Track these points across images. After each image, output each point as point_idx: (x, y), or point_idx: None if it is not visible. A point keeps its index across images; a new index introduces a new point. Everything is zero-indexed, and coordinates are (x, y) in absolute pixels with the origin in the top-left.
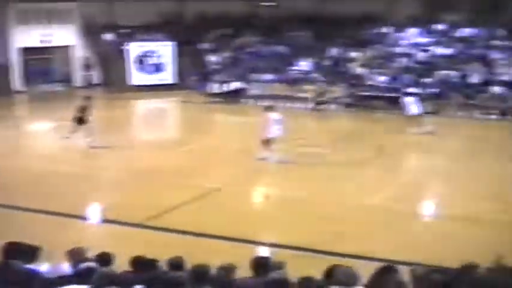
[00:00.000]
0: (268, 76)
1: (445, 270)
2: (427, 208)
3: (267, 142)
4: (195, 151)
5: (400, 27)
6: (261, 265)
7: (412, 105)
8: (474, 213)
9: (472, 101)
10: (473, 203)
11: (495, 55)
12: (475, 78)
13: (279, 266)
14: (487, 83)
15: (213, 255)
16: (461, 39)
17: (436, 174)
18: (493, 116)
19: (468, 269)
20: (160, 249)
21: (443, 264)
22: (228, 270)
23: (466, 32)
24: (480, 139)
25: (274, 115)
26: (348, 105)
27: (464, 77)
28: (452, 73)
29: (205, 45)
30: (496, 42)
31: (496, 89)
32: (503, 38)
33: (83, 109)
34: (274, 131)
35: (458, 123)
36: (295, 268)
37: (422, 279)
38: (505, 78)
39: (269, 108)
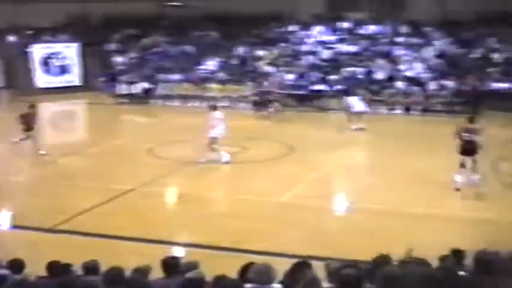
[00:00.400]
0: (176, 76)
1: (359, 264)
2: (340, 203)
3: (211, 142)
4: (105, 153)
5: (306, 25)
6: (171, 265)
7: (357, 103)
8: (388, 207)
9: (378, 96)
10: (386, 196)
11: (399, 51)
12: (380, 75)
13: (192, 265)
14: (391, 79)
15: (127, 257)
16: (366, 37)
17: (348, 169)
18: (398, 111)
19: (380, 262)
20: (75, 253)
21: (357, 258)
22: (142, 272)
23: (370, 29)
24: (388, 133)
25: (217, 114)
26: (257, 104)
27: (369, 73)
28: (358, 70)
29: (112, 46)
30: (399, 39)
31: (400, 85)
32: (406, 34)
33: (27, 116)
34: (218, 131)
35: (366, 119)
36: (210, 267)
37: (336, 273)
38: (409, 74)
39: (213, 107)
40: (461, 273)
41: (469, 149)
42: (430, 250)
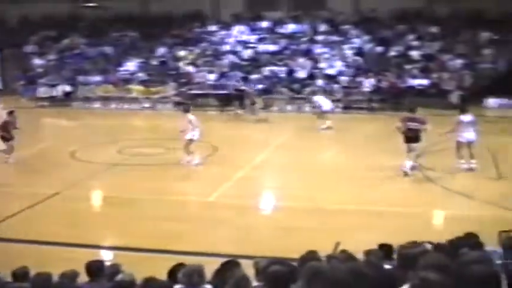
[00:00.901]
0: (96, 78)
1: (287, 261)
2: (267, 201)
3: (187, 145)
4: (28, 157)
5: (226, 25)
6: (95, 269)
7: (324, 102)
8: (313, 204)
9: (300, 95)
10: (311, 193)
11: (318, 50)
12: (300, 73)
13: (115, 268)
14: (312, 77)
15: (56, 263)
16: (286, 36)
17: (273, 167)
18: None
19: (308, 258)
20: (1, 260)
21: (285, 255)
22: (69, 277)
23: (290, 28)
24: (310, 131)
25: (191, 116)
26: (178, 104)
27: (290, 72)
28: (279, 69)
29: (30, 48)
30: (318, 37)
31: (321, 83)
32: (325, 33)
33: (6, 125)
34: (194, 133)
35: (288, 117)
36: (140, 270)
37: (265, 271)
38: (329, 72)
39: (186, 110)
40: (388, 267)
41: (412, 136)
42: (358, 245)
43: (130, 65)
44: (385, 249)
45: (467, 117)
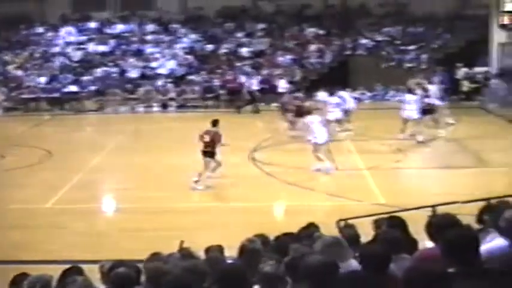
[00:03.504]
0: None
1: (131, 263)
2: (107, 204)
3: None
4: None
5: (54, 26)
6: None
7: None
8: (154, 204)
9: (133, 95)
10: (151, 193)
11: (149, 49)
12: (132, 73)
13: None
14: (145, 76)
15: None
16: (115, 36)
17: (111, 169)
18: (156, 109)
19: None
20: None
21: (130, 257)
22: None
23: (118, 28)
24: (146, 132)
25: None
26: (9, 109)
27: (122, 72)
28: (111, 69)
29: None
30: (148, 37)
31: (155, 82)
32: (155, 32)
33: None
34: None
35: (122, 119)
36: None
37: (110, 274)
38: (161, 71)
39: None
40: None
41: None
42: (204, 243)
43: None
44: (220, 249)
45: (315, 118)
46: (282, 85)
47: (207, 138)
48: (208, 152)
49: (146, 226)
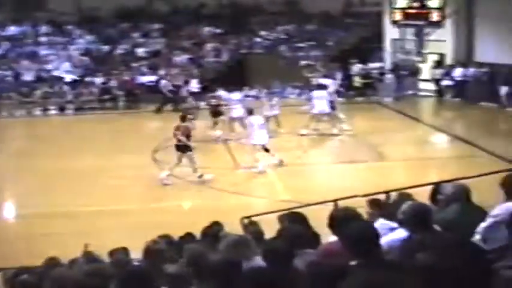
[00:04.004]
0: None
1: (35, 269)
2: (6, 210)
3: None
4: None
5: None
6: None
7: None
8: (57, 209)
9: (29, 98)
10: (51, 198)
11: (44, 51)
12: (27, 76)
13: None
14: (41, 79)
15: None
16: (8, 38)
17: (9, 174)
18: (53, 112)
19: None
20: None
21: (34, 263)
22: None
23: (12, 30)
24: (43, 136)
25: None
26: None
27: (17, 75)
28: (5, 73)
29: None
30: (43, 39)
31: (51, 85)
32: (49, 34)
33: None
34: None
35: (18, 122)
36: None
37: (13, 281)
38: (57, 73)
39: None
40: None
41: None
42: (109, 245)
43: None
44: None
45: (258, 120)
46: (194, 85)
47: (179, 134)
48: (181, 146)
49: (49, 231)
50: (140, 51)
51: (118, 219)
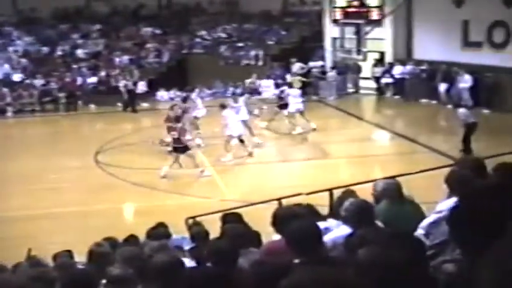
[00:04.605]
0: None
1: None
2: None
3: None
4: None
5: None
6: None
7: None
8: None
9: None
10: None
11: None
12: None
13: None
14: None
15: None
16: None
17: None
18: None
19: None
20: None
21: None
22: None
23: None
24: None
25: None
26: None
27: None
28: None
29: None
30: None
31: None
32: None
33: None
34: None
35: None
36: None
37: None
38: None
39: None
40: (79, 267)
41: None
42: (51, 249)
43: None
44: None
45: (230, 112)
46: (140, 87)
47: (175, 134)
48: (180, 147)
49: None
50: (80, 52)
51: (61, 222)
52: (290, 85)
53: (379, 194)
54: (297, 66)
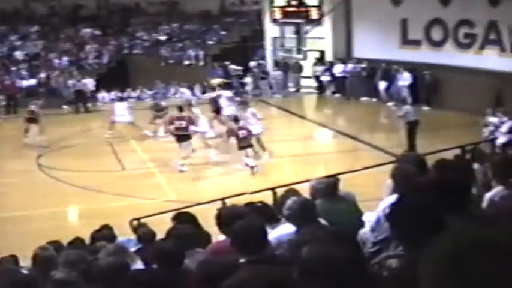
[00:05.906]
0: None
1: None
2: None
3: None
4: None
5: None
6: None
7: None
8: None
9: None
10: None
11: None
12: None
13: None
14: None
15: None
16: None
17: None
18: None
19: None
20: None
21: None
22: None
23: None
24: None
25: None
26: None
27: None
28: None
29: None
30: None
31: None
32: None
33: None
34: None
35: None
36: None
37: None
38: None
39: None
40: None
41: (180, 135)
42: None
43: None
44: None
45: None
46: (89, 86)
47: (183, 124)
48: (183, 135)
49: None
50: (18, 54)
51: (4, 227)
52: (213, 88)
53: (314, 192)
54: (231, 69)
